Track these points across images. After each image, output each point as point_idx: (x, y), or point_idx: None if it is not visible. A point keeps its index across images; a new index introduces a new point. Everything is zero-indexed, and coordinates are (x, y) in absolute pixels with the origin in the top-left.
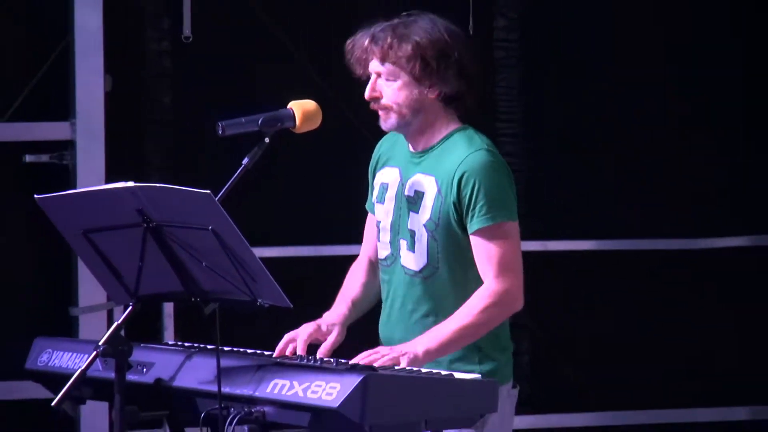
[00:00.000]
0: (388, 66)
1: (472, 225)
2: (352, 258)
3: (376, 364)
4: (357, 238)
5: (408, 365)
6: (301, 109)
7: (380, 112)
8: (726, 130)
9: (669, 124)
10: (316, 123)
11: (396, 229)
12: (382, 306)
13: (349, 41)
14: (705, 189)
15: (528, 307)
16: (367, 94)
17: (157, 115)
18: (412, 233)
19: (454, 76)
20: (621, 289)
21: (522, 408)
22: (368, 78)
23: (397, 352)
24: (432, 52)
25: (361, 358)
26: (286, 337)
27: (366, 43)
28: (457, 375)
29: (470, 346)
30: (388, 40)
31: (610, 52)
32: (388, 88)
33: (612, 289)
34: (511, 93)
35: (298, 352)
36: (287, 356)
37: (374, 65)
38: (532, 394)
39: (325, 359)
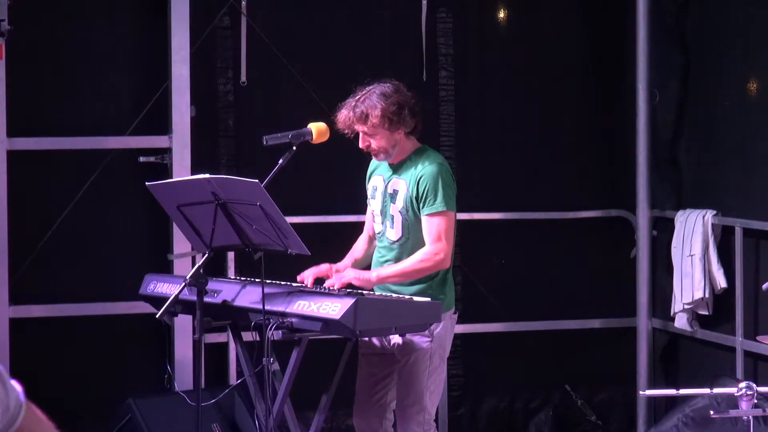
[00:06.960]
0: (369, 128)
1: (422, 211)
2: (350, 224)
3: (341, 282)
4: (352, 211)
5: (361, 283)
6: (316, 128)
7: (372, 153)
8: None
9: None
10: (326, 137)
11: (383, 214)
12: (373, 260)
13: (336, 116)
14: (571, 178)
15: (462, 254)
16: (361, 146)
17: (224, 131)
18: (392, 217)
19: (409, 117)
20: (519, 242)
21: (457, 319)
22: (355, 133)
23: (357, 273)
24: (392, 109)
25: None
26: (307, 271)
27: (348, 115)
28: (415, 298)
29: (425, 286)
30: (364, 111)
31: (513, 90)
32: (372, 139)
33: (513, 242)
34: (449, 117)
35: (307, 283)
36: (307, 285)
37: (358, 128)
38: (464, 309)
39: (330, 288)
